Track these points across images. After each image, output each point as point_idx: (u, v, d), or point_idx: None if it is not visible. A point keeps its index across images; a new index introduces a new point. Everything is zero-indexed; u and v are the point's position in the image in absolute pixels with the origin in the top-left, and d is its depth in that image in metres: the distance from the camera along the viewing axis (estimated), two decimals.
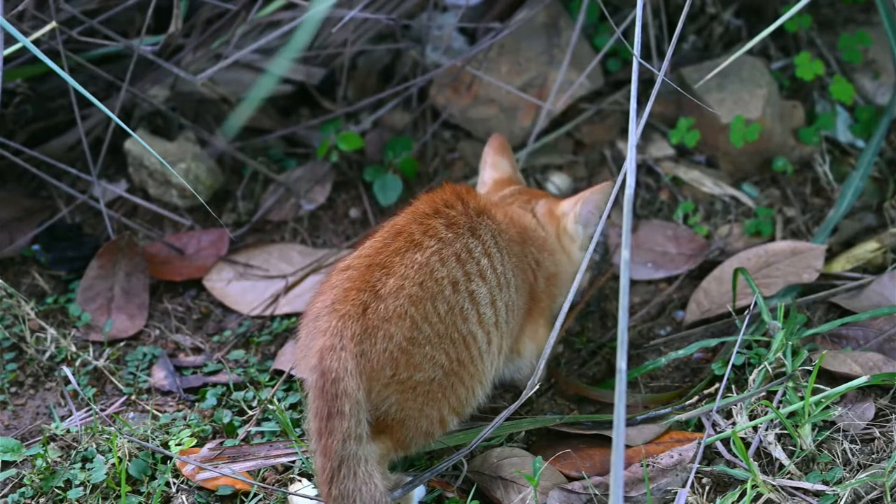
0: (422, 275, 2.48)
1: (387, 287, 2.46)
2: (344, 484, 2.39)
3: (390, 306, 2.44)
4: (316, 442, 2.40)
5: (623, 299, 1.85)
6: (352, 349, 2.40)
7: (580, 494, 2.56)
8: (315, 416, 2.40)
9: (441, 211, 2.57)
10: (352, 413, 2.39)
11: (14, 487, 2.68)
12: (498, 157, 2.90)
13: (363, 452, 2.40)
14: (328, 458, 2.39)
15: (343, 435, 2.38)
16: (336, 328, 2.42)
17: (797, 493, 2.51)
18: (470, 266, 2.52)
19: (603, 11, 3.25)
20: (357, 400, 2.39)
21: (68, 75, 2.45)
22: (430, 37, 3.43)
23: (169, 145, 3.34)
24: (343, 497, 2.40)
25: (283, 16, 3.22)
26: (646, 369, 2.88)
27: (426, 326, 2.47)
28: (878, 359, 2.78)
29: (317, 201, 3.34)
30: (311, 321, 2.48)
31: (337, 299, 2.45)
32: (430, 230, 2.53)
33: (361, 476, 2.40)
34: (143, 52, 3.14)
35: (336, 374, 2.39)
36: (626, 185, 1.94)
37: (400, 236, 2.52)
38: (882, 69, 3.40)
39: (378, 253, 2.51)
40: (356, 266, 2.50)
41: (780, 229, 3.22)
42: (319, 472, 2.41)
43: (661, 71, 2.37)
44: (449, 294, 2.49)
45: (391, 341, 2.44)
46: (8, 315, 3.07)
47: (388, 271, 2.47)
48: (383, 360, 2.43)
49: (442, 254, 2.50)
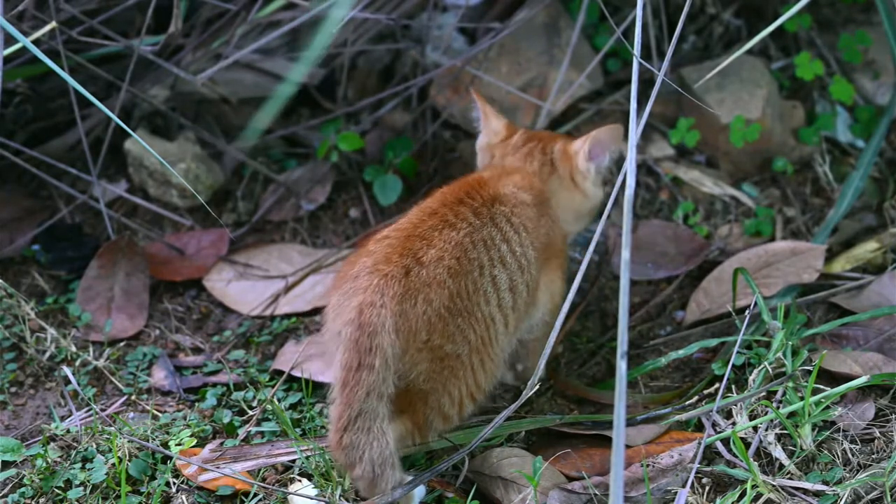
0: (458, 251, 2.56)
1: (428, 256, 2.53)
2: (357, 435, 2.44)
3: (431, 273, 2.52)
4: (339, 392, 2.46)
5: (623, 299, 1.85)
6: (392, 307, 2.47)
7: (580, 494, 2.56)
8: (342, 367, 2.45)
9: (465, 200, 2.65)
10: (380, 369, 2.44)
11: (14, 487, 2.68)
12: (491, 106, 2.95)
13: (382, 410, 2.45)
14: (347, 407, 2.44)
15: (368, 388, 2.43)
16: (378, 286, 2.48)
17: (797, 493, 2.51)
18: (493, 252, 2.60)
19: (603, 11, 3.25)
20: (388, 358, 2.45)
21: (68, 75, 2.45)
22: (430, 37, 3.43)
23: (169, 145, 3.34)
24: (353, 447, 2.45)
25: (283, 16, 3.22)
26: (646, 369, 2.88)
27: (458, 300, 2.54)
28: (878, 359, 2.78)
29: (317, 201, 3.34)
30: (348, 282, 2.53)
31: (379, 261, 2.52)
32: (460, 215, 2.61)
33: (375, 432, 2.45)
34: (143, 52, 3.14)
35: (374, 329, 2.45)
36: (626, 185, 1.93)
37: (435, 216, 2.61)
38: (882, 69, 3.40)
39: (416, 227, 2.59)
40: (395, 236, 2.58)
41: (780, 229, 3.22)
42: (335, 420, 2.46)
43: (661, 71, 2.37)
44: (476, 276, 2.57)
45: (430, 306, 2.50)
46: (8, 315, 3.07)
47: (429, 243, 2.55)
48: (421, 322, 2.50)
49: (472, 237, 2.59)
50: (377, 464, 2.46)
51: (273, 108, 3.22)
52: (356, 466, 2.46)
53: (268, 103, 3.35)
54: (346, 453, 2.46)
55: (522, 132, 2.89)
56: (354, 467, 2.46)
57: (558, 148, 2.85)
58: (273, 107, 3.19)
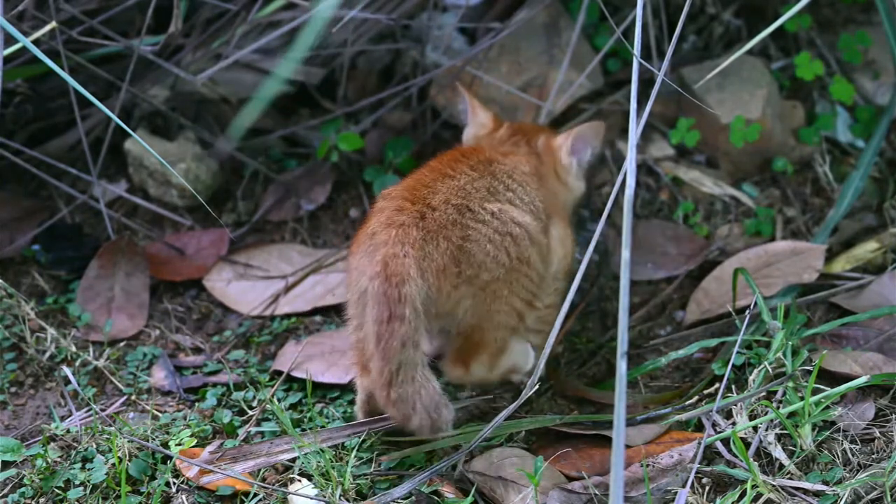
0: (463, 193, 2.64)
1: (437, 199, 2.61)
2: (403, 388, 2.50)
3: (444, 213, 2.60)
4: (374, 345, 2.50)
5: (623, 299, 1.85)
6: (414, 254, 2.53)
7: (580, 494, 2.56)
8: (374, 320, 2.50)
9: (461, 160, 2.73)
10: (411, 318, 2.49)
11: (14, 487, 2.68)
12: (477, 99, 3.01)
13: (419, 358, 2.51)
14: (387, 362, 2.49)
15: (402, 338, 2.49)
16: (397, 237, 2.55)
17: (797, 493, 2.51)
18: (498, 196, 2.67)
19: (603, 11, 3.25)
20: (416, 306, 2.50)
21: (68, 75, 2.45)
22: (430, 37, 3.43)
23: (169, 145, 3.34)
24: (402, 400, 2.51)
25: (283, 16, 3.22)
26: (646, 369, 2.88)
27: (475, 230, 2.60)
28: (878, 359, 2.78)
29: (317, 201, 3.34)
30: (366, 240, 2.58)
31: (392, 215, 2.59)
32: (458, 169, 2.69)
33: (419, 380, 2.51)
34: (143, 52, 3.14)
35: (400, 278, 2.50)
36: (626, 185, 1.93)
37: (434, 172, 2.69)
38: (882, 69, 3.40)
39: (418, 181, 2.67)
40: (400, 190, 2.65)
41: (780, 229, 3.22)
42: (377, 376, 2.51)
43: (661, 71, 2.37)
44: (489, 204, 2.65)
45: (450, 241, 2.58)
46: (8, 315, 3.07)
47: (434, 189, 2.64)
48: (448, 258, 2.56)
49: (475, 184, 2.67)
50: (431, 409, 2.53)
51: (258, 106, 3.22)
52: (412, 418, 2.53)
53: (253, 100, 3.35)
54: (398, 408, 2.52)
55: (508, 125, 2.96)
56: (411, 419, 2.53)
57: (542, 142, 2.92)
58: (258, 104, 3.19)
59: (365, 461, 2.68)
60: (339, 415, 2.82)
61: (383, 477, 2.65)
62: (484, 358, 2.68)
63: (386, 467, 2.67)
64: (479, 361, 2.68)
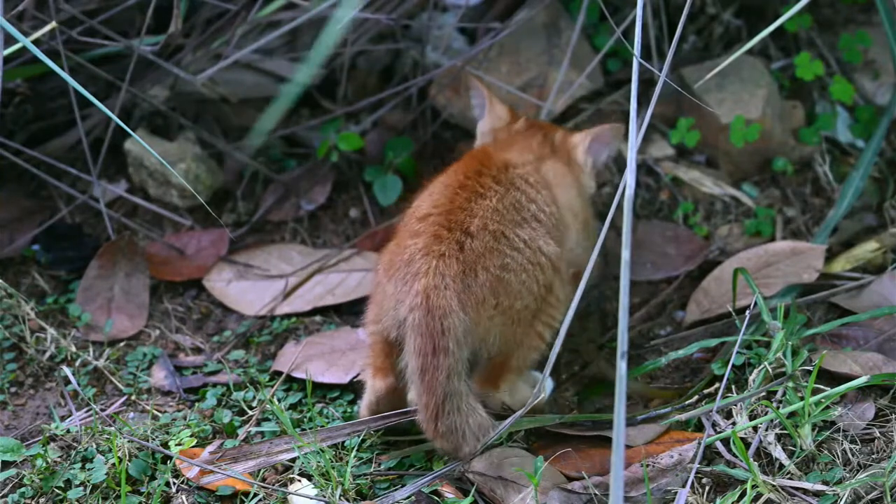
0: (497, 215, 2.65)
1: (475, 224, 2.62)
2: (450, 419, 2.52)
3: (482, 241, 2.61)
4: (418, 379, 2.52)
5: (623, 299, 1.85)
6: (455, 287, 2.54)
7: (580, 494, 2.56)
8: (418, 353, 2.51)
9: (483, 171, 2.73)
10: (455, 350, 2.52)
11: (14, 487, 2.68)
12: (491, 92, 3.02)
13: (464, 388, 2.53)
14: (432, 395, 2.51)
15: (448, 370, 2.51)
16: (437, 268, 2.56)
17: (797, 493, 2.51)
18: (524, 213, 2.69)
19: (603, 11, 3.25)
20: (459, 338, 2.52)
21: (68, 75, 2.45)
22: (430, 37, 3.43)
23: (169, 145, 3.34)
24: (451, 432, 2.53)
25: (283, 16, 3.22)
26: (646, 369, 2.88)
27: (510, 258, 2.62)
28: (878, 359, 2.78)
29: (317, 201, 3.34)
30: (402, 267, 2.59)
31: (430, 242, 2.59)
32: (484, 185, 2.70)
33: (465, 410, 2.54)
34: (143, 52, 3.14)
35: (443, 311, 2.52)
36: (626, 185, 1.93)
37: (465, 189, 2.69)
38: (882, 69, 3.40)
39: (452, 201, 2.67)
40: (437, 213, 2.65)
41: (780, 229, 3.22)
42: (423, 409, 2.53)
43: (661, 71, 2.37)
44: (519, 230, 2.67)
45: (489, 272, 2.60)
46: (8, 315, 3.07)
47: (471, 213, 2.64)
48: (486, 291, 2.59)
49: (503, 202, 2.68)
50: (479, 435, 2.56)
51: (278, 110, 3.23)
52: (462, 447, 2.55)
53: (273, 105, 3.35)
54: (447, 440, 2.54)
55: (525, 119, 2.97)
56: (461, 449, 2.55)
57: (559, 137, 2.93)
58: (278, 108, 3.20)
59: (365, 461, 2.68)
60: (339, 415, 2.82)
61: (383, 477, 2.65)
62: (510, 377, 2.71)
63: (386, 467, 2.67)
64: (506, 381, 2.71)
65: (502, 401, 2.70)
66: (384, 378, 2.65)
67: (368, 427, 2.69)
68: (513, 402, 2.70)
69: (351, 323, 3.07)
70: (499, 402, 2.70)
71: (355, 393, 2.86)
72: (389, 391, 2.65)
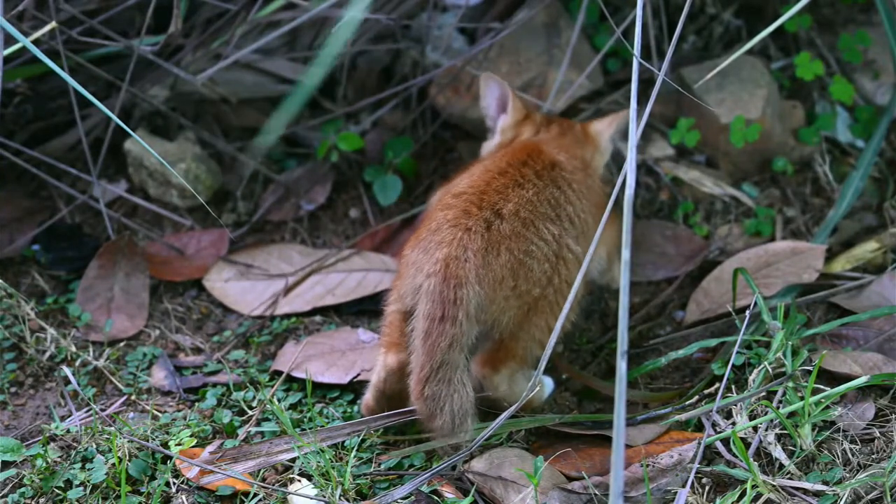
0: (531, 206, 2.67)
1: (507, 209, 2.64)
2: (438, 387, 2.53)
3: (510, 225, 2.63)
4: (421, 342, 2.53)
5: (623, 299, 1.85)
6: (476, 261, 2.56)
7: (580, 494, 2.56)
8: (426, 317, 2.53)
9: (528, 162, 2.76)
10: (463, 321, 2.53)
11: (14, 487, 2.68)
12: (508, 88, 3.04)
13: (462, 362, 2.54)
14: (430, 358, 2.53)
15: (451, 338, 2.52)
16: (461, 240, 2.58)
17: (797, 493, 2.51)
18: (559, 211, 2.72)
19: (603, 11, 3.25)
20: (470, 311, 2.54)
21: (68, 75, 2.45)
22: (430, 37, 3.43)
23: (169, 145, 3.34)
24: (433, 398, 2.53)
25: (283, 16, 3.22)
26: (646, 369, 2.88)
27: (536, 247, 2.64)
28: (878, 359, 2.78)
29: (317, 201, 3.34)
30: (428, 235, 2.62)
31: (459, 215, 2.62)
32: (526, 175, 2.72)
33: (455, 383, 2.54)
34: (143, 52, 3.14)
35: (458, 281, 2.54)
36: (626, 185, 1.93)
37: (505, 175, 2.71)
38: (882, 69, 3.40)
39: (489, 184, 2.69)
40: (471, 192, 2.67)
41: (780, 229, 3.22)
42: (417, 370, 2.54)
43: (661, 71, 2.37)
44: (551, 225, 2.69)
45: (513, 254, 2.61)
46: (8, 315, 3.07)
47: (505, 197, 2.66)
48: (506, 271, 2.60)
49: (540, 196, 2.70)
50: (458, 415, 2.55)
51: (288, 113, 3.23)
52: (436, 418, 2.54)
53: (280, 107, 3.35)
54: (427, 404, 2.54)
55: (540, 114, 3.03)
56: (435, 418, 2.54)
57: (578, 129, 2.99)
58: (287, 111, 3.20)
59: (365, 461, 2.68)
60: (338, 415, 2.82)
61: (383, 477, 2.65)
62: (512, 364, 2.70)
63: (386, 467, 2.67)
64: (507, 367, 2.70)
65: (498, 387, 2.69)
66: (397, 353, 2.66)
67: (368, 426, 2.69)
68: (510, 393, 2.69)
69: (351, 323, 3.07)
70: (494, 387, 2.69)
71: (355, 393, 2.86)
72: (401, 367, 2.64)
